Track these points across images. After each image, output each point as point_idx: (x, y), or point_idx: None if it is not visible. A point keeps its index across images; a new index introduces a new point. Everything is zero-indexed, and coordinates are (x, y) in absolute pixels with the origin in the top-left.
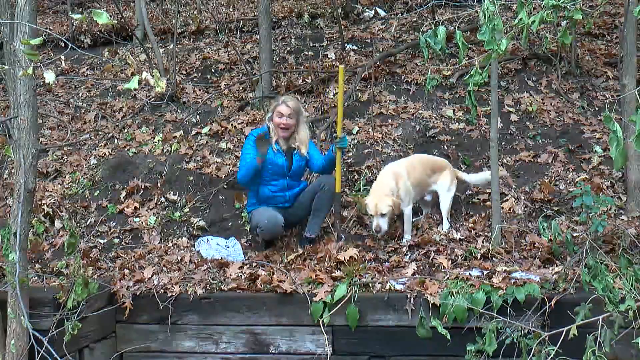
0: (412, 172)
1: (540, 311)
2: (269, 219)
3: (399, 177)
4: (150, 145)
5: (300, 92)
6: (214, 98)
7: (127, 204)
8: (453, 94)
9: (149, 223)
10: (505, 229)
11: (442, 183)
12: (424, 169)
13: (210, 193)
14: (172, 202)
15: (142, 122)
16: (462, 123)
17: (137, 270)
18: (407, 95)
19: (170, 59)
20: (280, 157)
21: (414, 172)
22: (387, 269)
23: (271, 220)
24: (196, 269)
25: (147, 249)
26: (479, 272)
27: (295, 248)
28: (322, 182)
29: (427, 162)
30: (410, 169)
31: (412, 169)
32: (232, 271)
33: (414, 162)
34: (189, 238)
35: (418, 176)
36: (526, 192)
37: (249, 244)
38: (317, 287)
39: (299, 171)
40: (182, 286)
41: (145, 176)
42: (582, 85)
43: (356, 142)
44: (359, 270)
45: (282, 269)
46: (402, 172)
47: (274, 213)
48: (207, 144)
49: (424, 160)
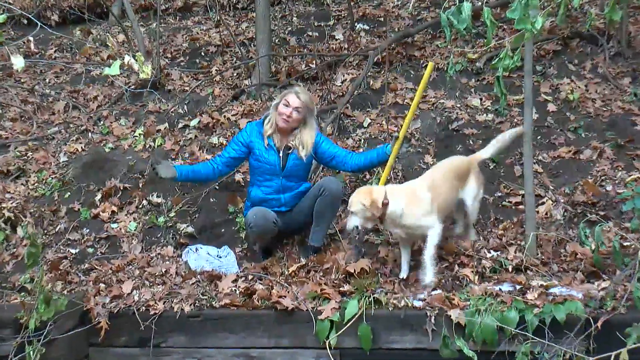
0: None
1: (584, 333)
2: (258, 212)
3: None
4: (130, 140)
5: (304, 79)
6: (203, 86)
7: (103, 208)
8: (480, 80)
9: (129, 230)
10: (542, 237)
11: (470, 189)
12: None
13: (199, 195)
14: (156, 206)
15: (121, 113)
16: (490, 114)
17: (115, 284)
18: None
19: (152, 40)
20: (272, 154)
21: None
22: (403, 282)
23: (260, 215)
24: (183, 283)
25: (127, 260)
26: (511, 286)
27: (297, 258)
28: (322, 186)
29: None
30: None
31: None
32: (225, 285)
33: (435, 176)
34: (175, 247)
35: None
36: (566, 194)
37: (245, 254)
38: (323, 304)
39: (297, 170)
40: (167, 303)
41: (125, 176)
42: (633, 68)
43: (367, 137)
44: (371, 284)
45: (283, 282)
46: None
47: (265, 209)
48: (196, 139)
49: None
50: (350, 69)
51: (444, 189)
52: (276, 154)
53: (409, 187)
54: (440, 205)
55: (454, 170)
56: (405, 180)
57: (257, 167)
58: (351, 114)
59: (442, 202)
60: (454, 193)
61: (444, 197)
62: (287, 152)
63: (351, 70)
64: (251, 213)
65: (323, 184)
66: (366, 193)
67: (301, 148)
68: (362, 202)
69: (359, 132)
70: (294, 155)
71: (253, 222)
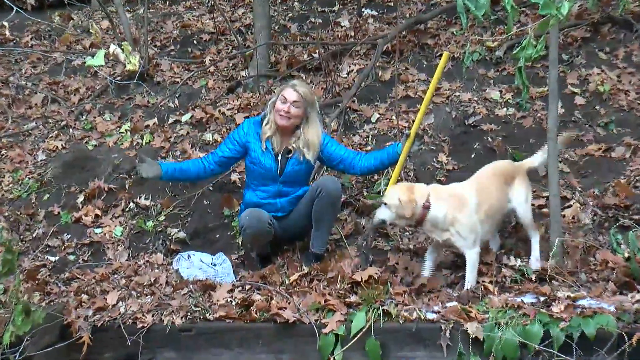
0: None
1: (617, 350)
2: (251, 214)
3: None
4: (116, 137)
5: (306, 70)
6: (196, 77)
7: (86, 211)
8: (500, 71)
9: (114, 235)
10: (568, 244)
11: (518, 193)
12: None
13: (192, 197)
14: (144, 209)
15: (105, 107)
16: (511, 108)
17: (98, 295)
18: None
19: (140, 26)
20: (268, 158)
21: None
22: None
23: (253, 216)
24: (174, 294)
25: (112, 269)
26: (534, 298)
27: (299, 266)
28: (318, 186)
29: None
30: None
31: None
32: (220, 296)
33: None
34: (165, 254)
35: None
36: (595, 196)
37: (241, 261)
38: (327, 316)
39: (296, 176)
40: (156, 315)
41: (109, 176)
42: None
43: (376, 133)
44: (380, 294)
45: (283, 292)
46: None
47: (260, 210)
48: (188, 135)
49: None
50: (357, 59)
51: (492, 194)
52: (273, 159)
53: (455, 190)
54: (488, 212)
55: (501, 174)
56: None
57: (252, 170)
58: (358, 109)
59: (490, 209)
60: (503, 199)
61: (492, 203)
62: (286, 156)
63: (358, 60)
64: (244, 215)
65: (319, 184)
66: (407, 189)
67: (306, 150)
68: (399, 196)
69: (366, 128)
70: (294, 160)
71: (246, 224)
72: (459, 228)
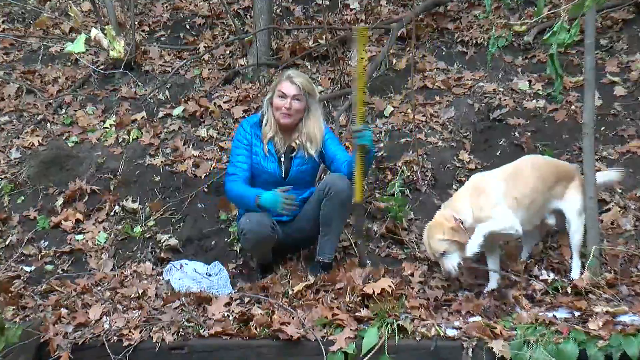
0: (518, 184)
1: None
2: (252, 217)
3: (481, 192)
4: (99, 133)
5: (311, 58)
6: (189, 66)
7: (66, 216)
8: (529, 58)
9: (98, 242)
10: (607, 252)
11: (572, 200)
12: (541, 176)
13: (184, 199)
14: (131, 213)
15: (87, 99)
16: (541, 100)
17: (80, 309)
18: (462, 62)
19: (125, 9)
20: (271, 162)
21: (522, 184)
22: (434, 306)
23: (255, 219)
24: (164, 307)
25: (95, 279)
26: (568, 313)
27: (304, 276)
28: (327, 185)
29: (547, 167)
30: (513, 179)
31: (518, 178)
32: (216, 309)
33: (521, 167)
34: (155, 263)
35: (530, 189)
36: (638, 198)
37: (240, 271)
38: (335, 332)
39: (303, 177)
40: (144, 331)
41: (92, 176)
42: None
43: (390, 128)
44: (394, 308)
45: (286, 305)
46: (493, 186)
47: (261, 213)
48: (180, 131)
49: (542, 164)
50: (368, 46)
51: (529, 183)
52: (276, 162)
53: (471, 181)
54: (521, 202)
55: (552, 166)
56: (435, 182)
57: (255, 174)
58: (369, 101)
59: (524, 199)
60: (543, 191)
61: (527, 193)
62: (290, 156)
63: (369, 47)
64: (244, 218)
65: (327, 183)
66: (438, 226)
67: (309, 144)
68: (442, 237)
69: (378, 122)
70: (299, 160)
71: (246, 228)
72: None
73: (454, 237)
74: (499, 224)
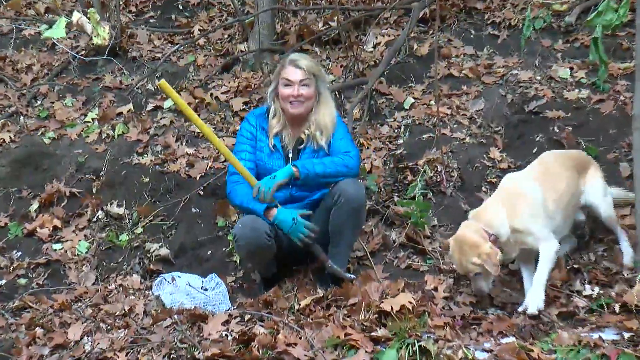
0: (553, 184)
1: None
2: (245, 222)
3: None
4: (80, 127)
5: (321, 43)
6: (182, 52)
7: (42, 222)
8: (570, 42)
9: (78, 252)
10: None
11: (594, 186)
12: (568, 171)
13: (177, 203)
14: (116, 218)
15: (66, 89)
16: (585, 89)
17: (57, 328)
18: (494, 46)
19: None
20: (277, 159)
21: (556, 182)
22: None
23: (248, 224)
24: (154, 326)
25: (75, 294)
26: (617, 334)
27: (313, 290)
28: (336, 192)
29: (569, 160)
30: (546, 179)
31: (551, 176)
32: (213, 328)
33: (548, 164)
34: (144, 276)
35: (565, 186)
36: None
37: (240, 285)
38: (348, 354)
39: None
40: (131, 353)
41: (72, 177)
42: None
43: (410, 123)
44: (415, 326)
45: (292, 323)
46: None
47: (256, 217)
48: (172, 126)
49: (564, 158)
50: (385, 28)
51: (562, 180)
52: (282, 159)
53: (504, 184)
54: (560, 203)
55: (571, 158)
56: (462, 184)
57: (260, 173)
58: (387, 92)
59: (562, 198)
60: (575, 185)
61: (564, 191)
62: (298, 149)
63: (387, 30)
64: (238, 222)
65: (338, 189)
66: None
67: (319, 134)
68: (478, 262)
69: (397, 115)
70: (308, 153)
71: (238, 235)
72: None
73: (487, 266)
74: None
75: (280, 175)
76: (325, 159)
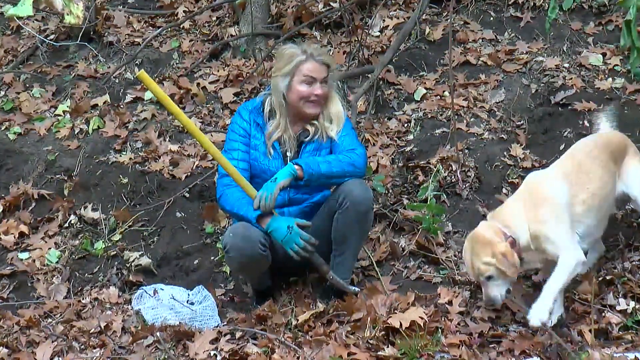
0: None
1: None
2: (236, 230)
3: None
4: (49, 121)
5: (322, 27)
6: (165, 36)
7: (6, 228)
8: (603, 24)
9: (48, 262)
10: None
11: (634, 174)
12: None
13: (160, 207)
14: (91, 224)
15: (34, 78)
16: (619, 78)
17: (24, 348)
18: (515, 30)
19: None
20: (274, 158)
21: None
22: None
23: (240, 232)
24: (134, 345)
25: (44, 309)
26: None
27: (312, 304)
28: (340, 194)
29: (603, 148)
30: (576, 177)
31: (581, 174)
32: (200, 347)
33: (579, 159)
34: (122, 288)
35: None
36: None
37: (230, 298)
38: None
39: None
40: None
41: (41, 177)
42: None
43: (421, 116)
44: (427, 345)
45: (289, 341)
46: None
47: (249, 225)
48: (154, 119)
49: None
50: (394, 10)
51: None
52: (280, 157)
53: (526, 184)
54: (591, 204)
55: (606, 145)
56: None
57: (253, 174)
58: (395, 81)
59: (594, 199)
60: (611, 181)
61: (596, 190)
62: (301, 140)
63: (395, 11)
64: (229, 230)
65: (343, 191)
66: (487, 246)
67: (328, 124)
68: (491, 261)
69: (407, 108)
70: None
71: (229, 244)
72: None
73: (502, 266)
74: (569, 267)
75: (281, 176)
76: (329, 157)
